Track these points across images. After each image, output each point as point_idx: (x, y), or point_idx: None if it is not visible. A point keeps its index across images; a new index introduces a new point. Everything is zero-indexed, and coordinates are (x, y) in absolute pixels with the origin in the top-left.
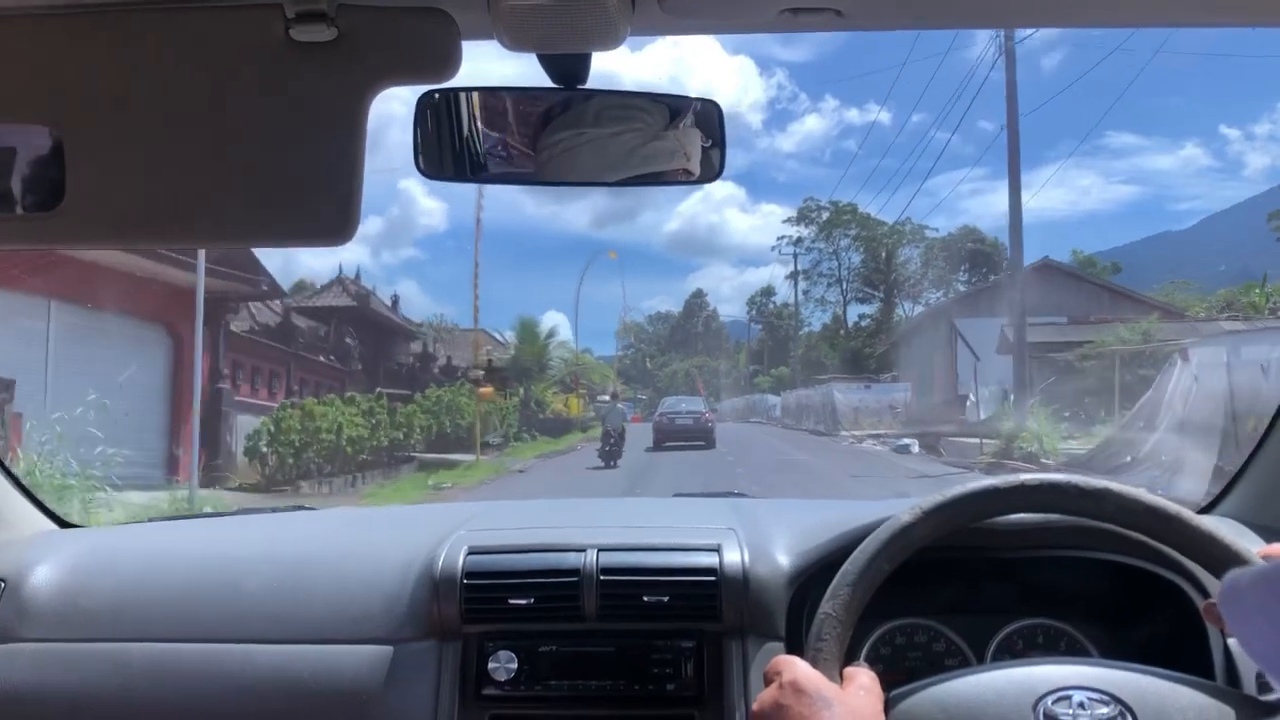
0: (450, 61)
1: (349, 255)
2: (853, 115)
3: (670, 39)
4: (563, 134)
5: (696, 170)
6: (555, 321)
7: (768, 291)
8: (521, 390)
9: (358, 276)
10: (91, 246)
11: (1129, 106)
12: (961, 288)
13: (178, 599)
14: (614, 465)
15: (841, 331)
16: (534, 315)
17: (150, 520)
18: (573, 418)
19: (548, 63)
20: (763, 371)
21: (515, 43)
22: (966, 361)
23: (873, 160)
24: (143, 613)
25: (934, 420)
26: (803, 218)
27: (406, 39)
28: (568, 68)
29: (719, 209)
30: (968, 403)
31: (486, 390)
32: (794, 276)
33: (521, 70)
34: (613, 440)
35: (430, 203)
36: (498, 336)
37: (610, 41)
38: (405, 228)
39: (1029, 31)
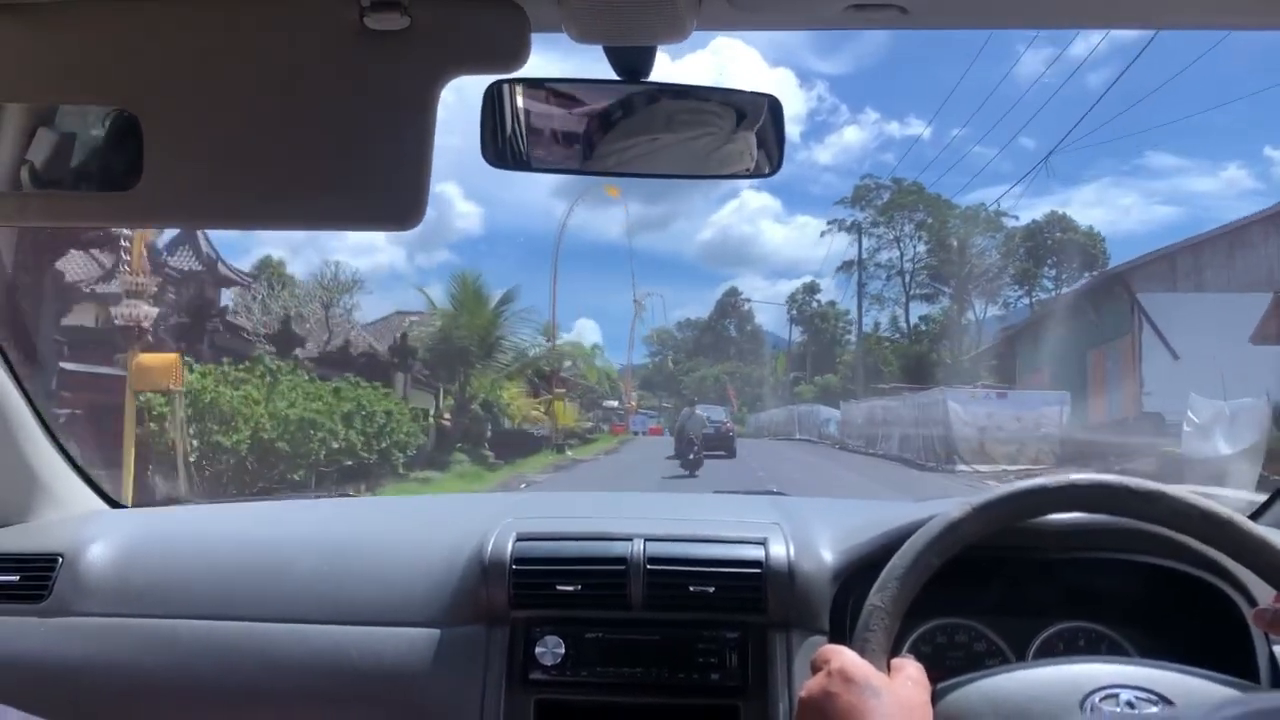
0: (519, 52)
1: (384, 257)
2: (892, 128)
3: (712, 48)
4: (637, 137)
5: (760, 167)
6: (585, 328)
7: (811, 289)
8: (458, 385)
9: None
10: (167, 225)
11: (1170, 126)
12: (1049, 285)
13: (227, 578)
14: (695, 475)
15: (898, 334)
16: (557, 318)
17: (196, 503)
18: (548, 432)
19: (613, 55)
20: (805, 379)
21: (583, 34)
22: (1157, 360)
23: (910, 173)
24: (193, 590)
25: (1110, 452)
26: (859, 199)
27: (477, 29)
28: (632, 60)
29: (753, 219)
30: (1182, 427)
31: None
32: (857, 265)
33: (580, 65)
34: (696, 448)
35: (467, 206)
36: (424, 301)
37: (677, 34)
38: (441, 231)
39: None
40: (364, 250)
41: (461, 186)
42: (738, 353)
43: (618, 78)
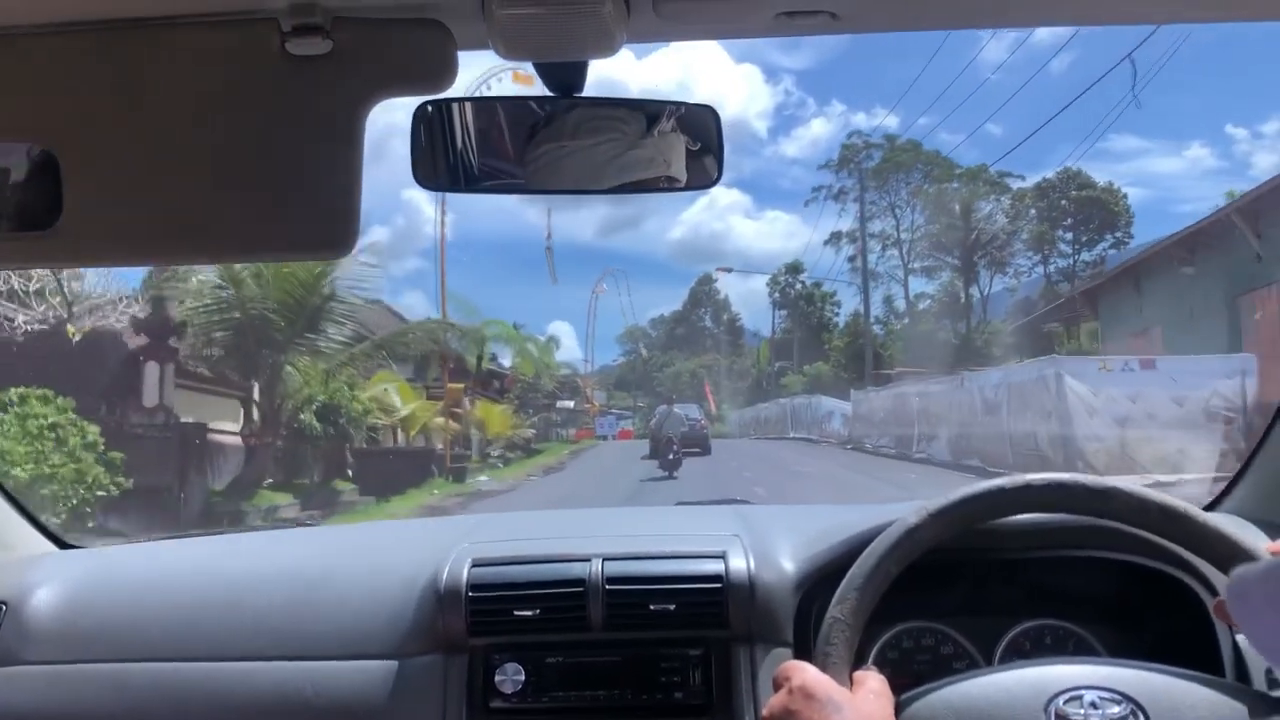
0: (446, 72)
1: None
2: (859, 119)
3: (675, 47)
4: (546, 146)
5: (682, 176)
6: (560, 331)
7: (794, 269)
8: (263, 381)
9: None
10: (89, 264)
11: (1132, 109)
12: (1066, 249)
13: (178, 618)
14: (674, 476)
15: (891, 315)
16: (530, 327)
17: (150, 540)
18: (470, 449)
19: (544, 71)
20: (792, 369)
21: (510, 52)
22: None
23: (833, 218)
24: (143, 633)
25: None
26: (846, 162)
27: (402, 50)
28: (564, 76)
29: (723, 216)
30: None
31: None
32: (859, 225)
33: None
34: (675, 448)
35: (435, 212)
36: None
37: (606, 49)
38: (411, 238)
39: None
40: (330, 260)
41: (430, 195)
42: (715, 345)
43: (551, 94)
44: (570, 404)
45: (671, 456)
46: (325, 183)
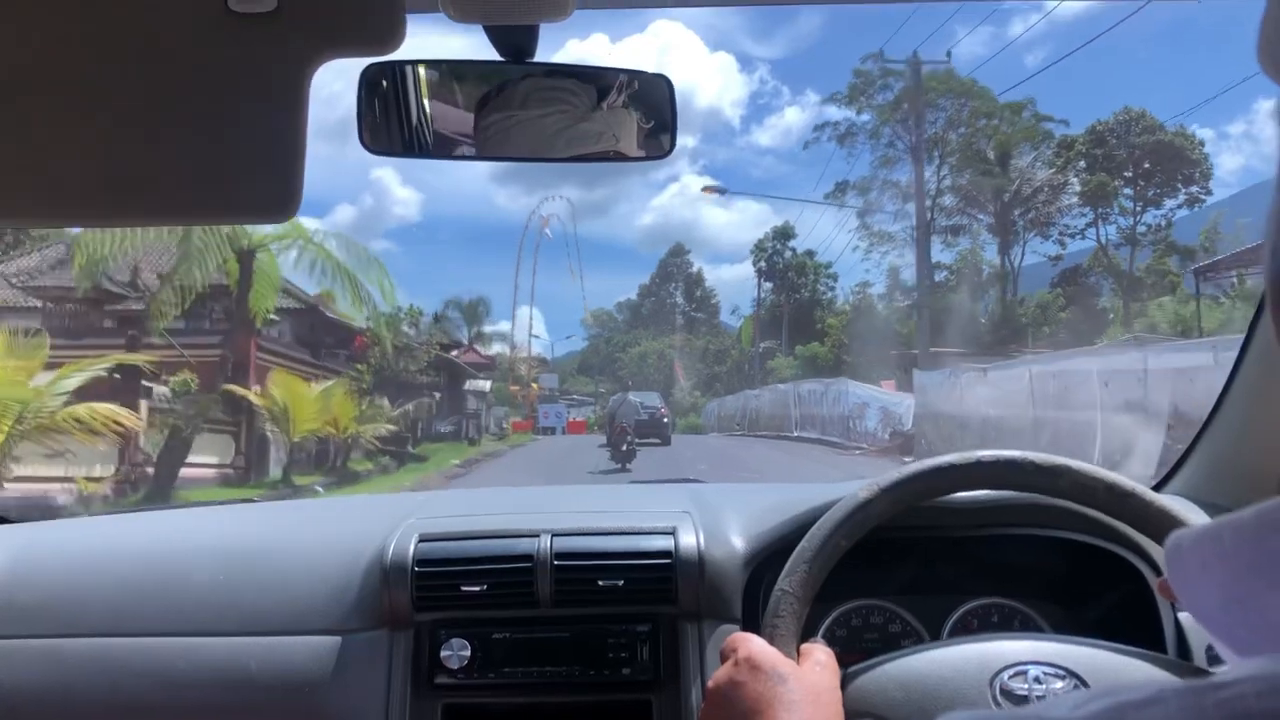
0: (394, 33)
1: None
2: (830, 110)
3: (651, 33)
4: (496, 115)
5: (633, 150)
6: (528, 316)
7: (783, 233)
8: None
9: None
10: (27, 225)
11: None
12: (1127, 204)
13: (118, 593)
14: (628, 469)
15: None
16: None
17: (90, 515)
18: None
19: (494, 35)
20: (781, 349)
21: (461, 14)
22: None
23: (839, 164)
24: (82, 608)
25: None
26: (857, 95)
27: (349, 9)
28: (515, 40)
29: (694, 204)
30: None
31: None
32: (916, 149)
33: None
34: (630, 437)
35: (404, 192)
36: None
37: (558, 12)
38: (379, 218)
39: None
40: (271, 225)
41: (399, 173)
42: (687, 323)
43: (501, 58)
44: (484, 385)
45: (625, 447)
46: (268, 145)
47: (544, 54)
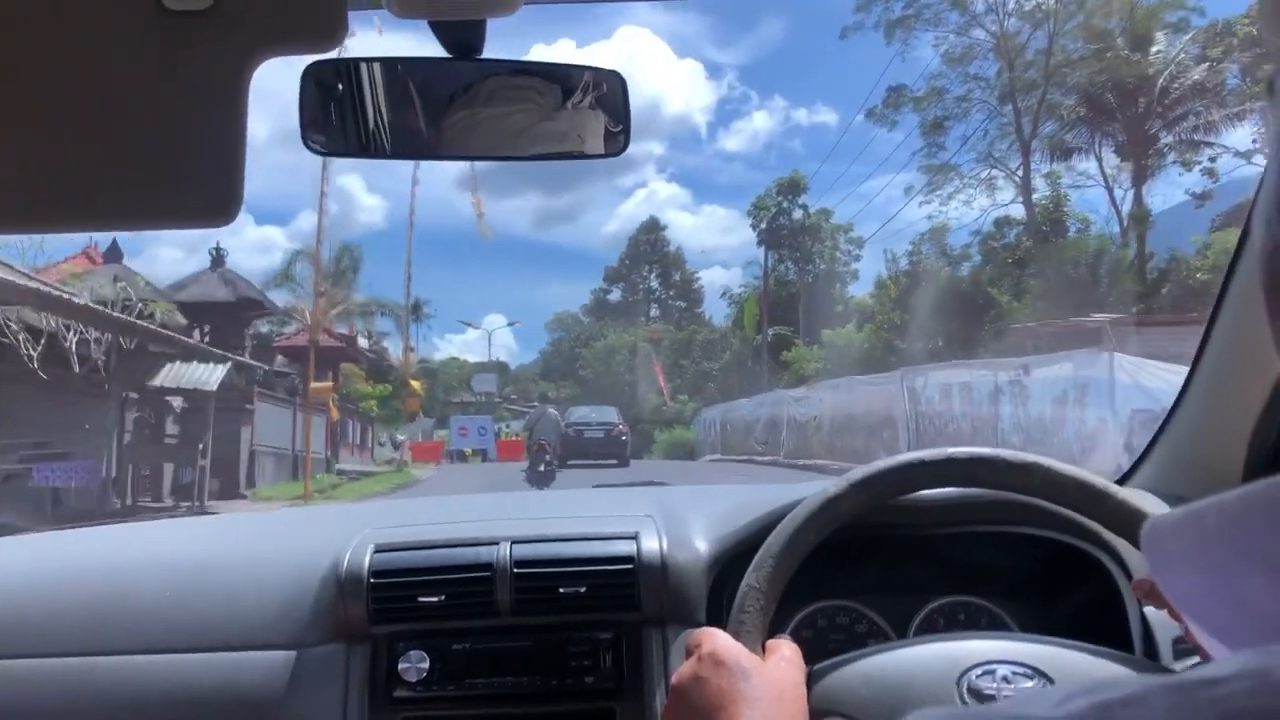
0: (335, 29)
1: (280, 255)
2: (800, 115)
3: (618, 38)
4: (459, 114)
5: (598, 149)
6: (497, 325)
7: (793, 184)
8: None
9: None
10: None
11: None
12: None
13: (63, 610)
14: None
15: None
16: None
17: (29, 532)
18: None
19: (440, 31)
20: (797, 337)
21: (404, 10)
22: None
23: (812, 165)
24: (23, 627)
25: None
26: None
27: (288, 6)
28: (461, 36)
29: (661, 210)
30: None
31: None
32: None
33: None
34: (548, 455)
35: (370, 199)
36: None
37: (504, 7)
38: (344, 225)
39: None
40: (264, 248)
41: (364, 180)
42: (664, 313)
43: (448, 55)
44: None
45: (543, 468)
46: (206, 148)
47: (507, 56)
